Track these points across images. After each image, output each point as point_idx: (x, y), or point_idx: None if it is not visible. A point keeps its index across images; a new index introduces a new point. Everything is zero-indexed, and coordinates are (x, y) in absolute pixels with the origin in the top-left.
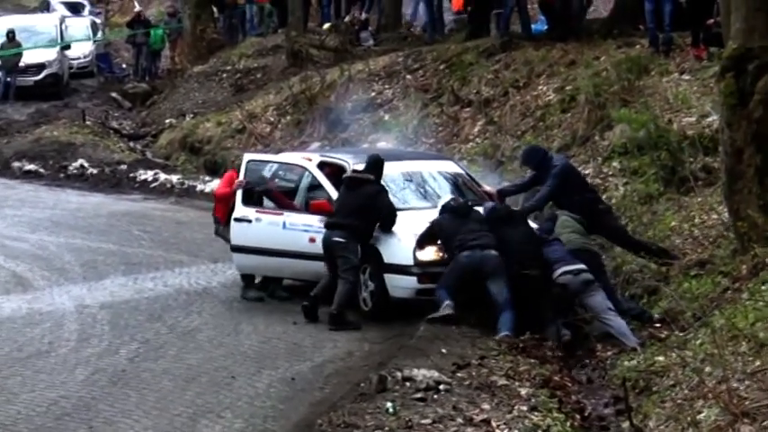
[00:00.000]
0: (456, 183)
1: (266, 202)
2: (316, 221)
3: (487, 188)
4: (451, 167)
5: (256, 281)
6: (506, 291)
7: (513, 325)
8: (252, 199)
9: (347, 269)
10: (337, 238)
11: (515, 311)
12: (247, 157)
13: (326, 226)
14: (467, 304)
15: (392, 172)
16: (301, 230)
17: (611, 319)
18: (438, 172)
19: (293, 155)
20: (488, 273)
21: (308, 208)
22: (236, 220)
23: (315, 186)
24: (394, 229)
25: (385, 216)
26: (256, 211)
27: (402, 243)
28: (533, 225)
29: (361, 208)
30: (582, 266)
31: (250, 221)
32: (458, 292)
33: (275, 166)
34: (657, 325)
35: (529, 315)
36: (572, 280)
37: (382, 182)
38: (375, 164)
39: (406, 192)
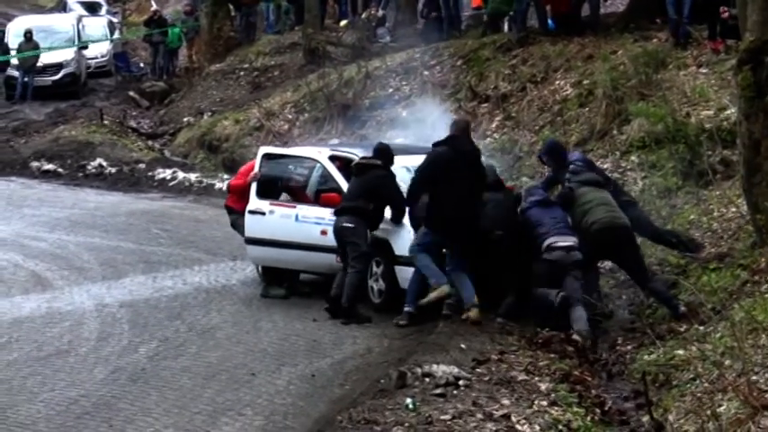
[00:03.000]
0: None
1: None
2: (327, 214)
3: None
4: None
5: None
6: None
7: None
8: (267, 191)
9: (356, 257)
10: (346, 223)
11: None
12: (263, 150)
13: (335, 212)
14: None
15: (399, 166)
16: (313, 223)
17: (575, 307)
18: None
19: (307, 148)
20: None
21: (318, 200)
22: (251, 212)
23: (326, 179)
24: (404, 221)
25: (393, 202)
26: (270, 204)
27: (412, 236)
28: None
29: (367, 191)
30: (573, 242)
31: (264, 214)
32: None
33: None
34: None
35: (488, 282)
36: (564, 257)
37: None
38: (381, 150)
39: None
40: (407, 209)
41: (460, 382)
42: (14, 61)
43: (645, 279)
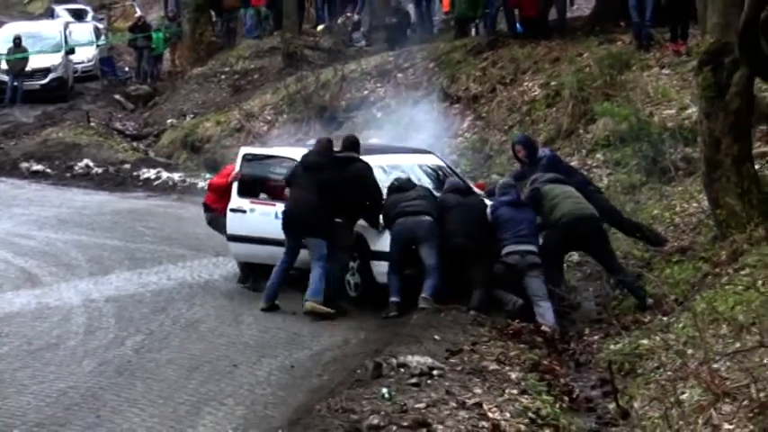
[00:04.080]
0: (437, 175)
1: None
2: None
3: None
4: (433, 160)
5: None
6: (435, 256)
7: (434, 290)
8: (247, 190)
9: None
10: None
11: (440, 277)
12: (243, 150)
13: None
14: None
15: (374, 165)
16: None
17: (541, 304)
18: (419, 165)
19: (286, 148)
20: (421, 238)
21: None
22: (232, 210)
23: None
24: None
25: (373, 196)
26: (251, 202)
27: (387, 231)
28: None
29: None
30: (529, 248)
31: (245, 212)
32: (404, 264)
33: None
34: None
35: (460, 282)
36: (519, 261)
37: None
38: (352, 143)
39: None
40: None
41: (434, 372)
42: (4, 66)
43: (616, 268)
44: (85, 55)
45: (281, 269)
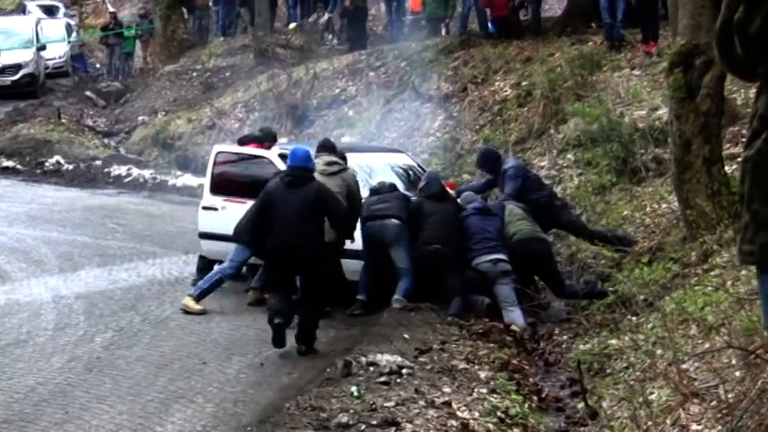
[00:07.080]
0: (407, 174)
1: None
2: None
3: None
4: (404, 160)
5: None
6: (406, 259)
7: (407, 292)
8: (220, 188)
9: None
10: None
11: (414, 279)
12: (216, 148)
13: None
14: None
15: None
16: None
17: (510, 309)
18: (390, 164)
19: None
20: (390, 240)
21: None
22: (204, 208)
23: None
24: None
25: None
26: (223, 200)
27: (357, 229)
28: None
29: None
30: (501, 256)
31: (217, 209)
32: (377, 265)
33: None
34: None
35: (434, 286)
36: (491, 268)
37: None
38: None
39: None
40: None
41: (403, 371)
42: None
43: (561, 290)
44: (57, 51)
45: None
